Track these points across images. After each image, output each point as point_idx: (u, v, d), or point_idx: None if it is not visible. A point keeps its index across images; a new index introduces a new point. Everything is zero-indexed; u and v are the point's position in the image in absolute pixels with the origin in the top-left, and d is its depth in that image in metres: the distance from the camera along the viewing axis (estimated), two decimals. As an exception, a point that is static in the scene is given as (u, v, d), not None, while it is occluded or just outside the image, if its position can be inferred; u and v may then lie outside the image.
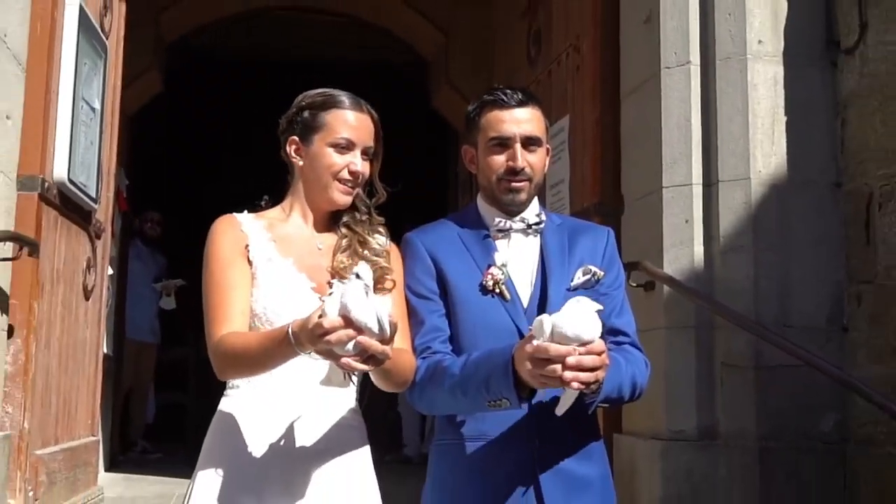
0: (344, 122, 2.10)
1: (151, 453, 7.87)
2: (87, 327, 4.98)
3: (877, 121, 3.84)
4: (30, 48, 4.08)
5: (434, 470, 2.26)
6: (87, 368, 5.02)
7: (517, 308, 2.21)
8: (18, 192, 3.98)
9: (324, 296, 1.97)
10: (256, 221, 2.12)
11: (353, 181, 2.10)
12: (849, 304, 3.97)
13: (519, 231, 2.29)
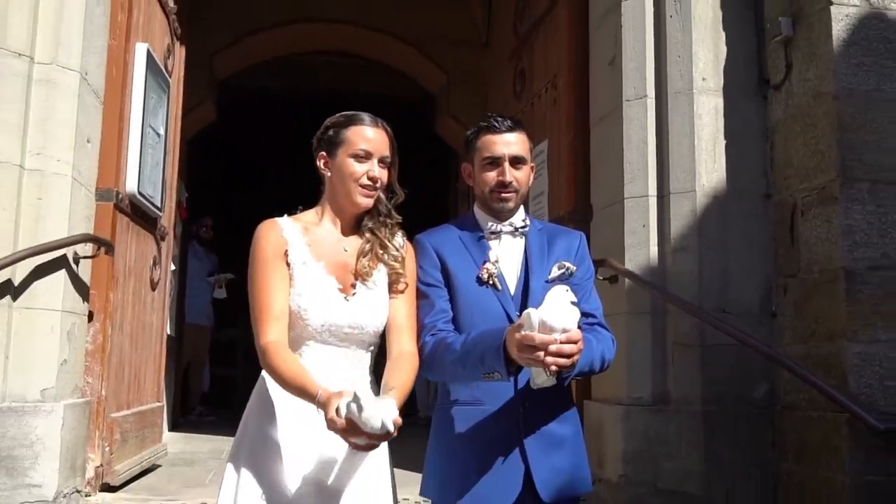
0: (362, 136, 2.08)
1: (206, 416, 7.86)
2: (153, 313, 5.01)
3: (799, 144, 3.83)
4: (106, 85, 4.11)
5: (436, 429, 2.27)
6: (153, 347, 5.05)
7: (506, 296, 2.23)
8: (97, 202, 4.01)
9: (348, 295, 2.03)
10: (294, 225, 2.10)
11: (373, 185, 2.08)
12: (776, 294, 3.95)
13: (508, 233, 2.31)
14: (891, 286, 3.49)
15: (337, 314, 2.02)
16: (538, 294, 2.19)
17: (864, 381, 3.43)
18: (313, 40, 8.07)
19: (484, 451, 2.14)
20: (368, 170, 2.06)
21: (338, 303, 2.03)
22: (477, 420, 2.17)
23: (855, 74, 3.61)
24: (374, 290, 2.08)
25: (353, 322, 2.03)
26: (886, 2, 3.69)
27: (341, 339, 2.04)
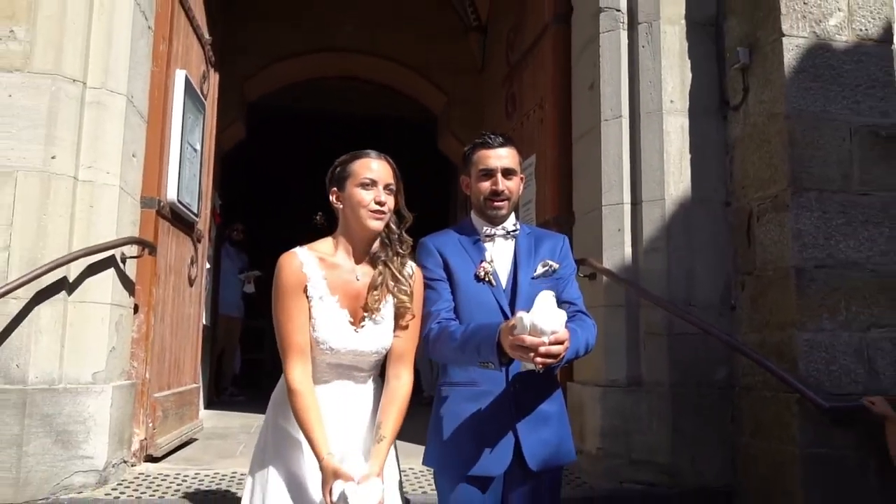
0: (367, 167, 2.07)
1: (237, 396, 7.82)
2: (190, 306, 5.01)
3: (755, 158, 3.79)
4: (150, 106, 4.11)
5: (437, 406, 2.27)
6: (190, 335, 5.05)
7: (499, 290, 2.23)
8: (141, 209, 4.01)
9: (357, 326, 2.05)
10: (312, 258, 2.07)
11: (380, 210, 2.06)
12: (735, 289, 3.91)
13: (500, 236, 2.31)
14: (835, 282, 3.46)
15: (346, 343, 2.04)
16: (525, 288, 2.22)
17: (811, 366, 3.39)
18: (331, 67, 8.04)
19: (479, 427, 2.14)
20: (375, 196, 2.05)
21: (348, 333, 2.05)
22: (473, 399, 2.17)
23: (804, 97, 3.57)
24: (381, 323, 2.09)
25: (360, 349, 2.06)
26: (831, 34, 3.65)
27: (351, 360, 2.07)
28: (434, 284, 2.23)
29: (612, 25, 4.16)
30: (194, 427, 4.92)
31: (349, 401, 2.08)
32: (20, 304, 3.26)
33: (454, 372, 2.23)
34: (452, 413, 2.19)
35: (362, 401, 2.10)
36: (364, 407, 2.10)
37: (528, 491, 2.18)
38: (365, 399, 2.11)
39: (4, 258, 3.29)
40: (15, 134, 3.36)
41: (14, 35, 3.43)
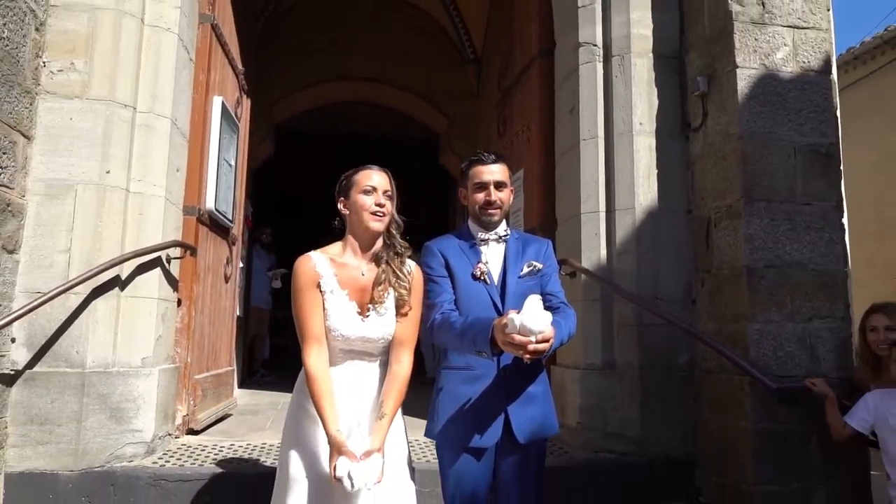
0: (367, 176, 2.13)
1: (267, 377, 7.81)
2: (226, 300, 5.00)
3: (713, 173, 3.77)
4: (191, 128, 4.10)
5: (437, 386, 2.28)
6: (226, 325, 5.04)
7: (492, 288, 2.26)
8: (184, 216, 4.01)
9: (363, 316, 2.08)
10: (324, 259, 2.10)
11: (380, 211, 2.10)
12: (696, 286, 3.89)
13: (494, 240, 2.33)
14: (781, 280, 3.45)
15: (355, 330, 2.07)
16: (512, 286, 2.25)
17: (761, 352, 3.39)
18: (347, 93, 8.04)
19: (474, 405, 2.17)
20: (375, 199, 2.10)
21: (356, 322, 2.07)
22: (469, 381, 2.20)
23: (755, 121, 3.55)
24: (384, 314, 2.11)
25: (367, 336, 2.08)
26: (778, 66, 3.64)
27: (360, 346, 2.09)
28: (438, 280, 2.25)
29: (590, 58, 4.15)
30: (229, 404, 4.92)
31: (360, 380, 2.10)
32: (79, 299, 3.26)
33: (453, 358, 2.24)
34: (451, 393, 2.21)
35: (371, 379, 2.12)
36: (372, 384, 2.11)
37: (516, 460, 2.21)
38: (373, 378, 2.12)
39: (66, 259, 3.29)
40: (75, 152, 3.37)
41: (74, 67, 3.43)
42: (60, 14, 3.45)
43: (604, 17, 4.15)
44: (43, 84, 3.39)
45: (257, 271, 7.77)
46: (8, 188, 3.12)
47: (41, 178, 3.33)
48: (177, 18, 3.74)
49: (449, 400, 2.21)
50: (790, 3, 3.71)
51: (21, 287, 3.23)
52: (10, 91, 3.11)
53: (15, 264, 3.21)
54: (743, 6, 3.67)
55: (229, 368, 5.10)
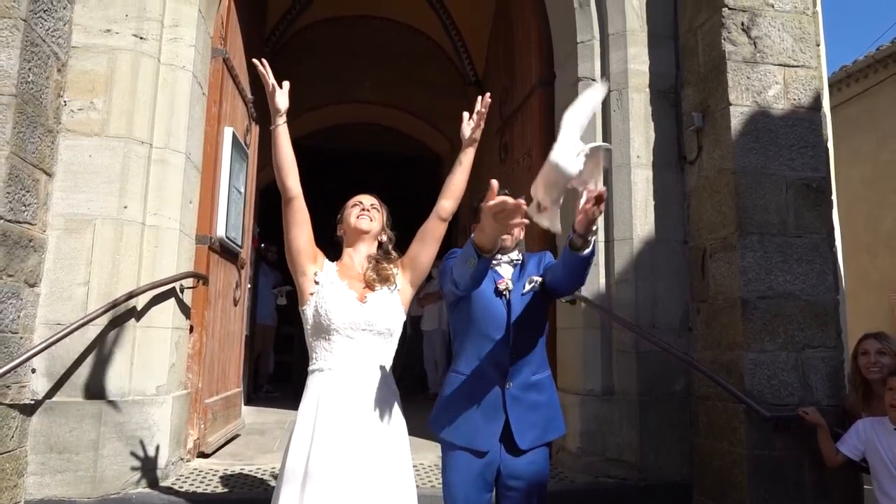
0: (355, 198, 2.32)
1: (272, 393, 7.89)
2: (235, 323, 5.06)
3: (708, 205, 3.85)
4: (203, 159, 4.17)
5: (445, 387, 2.33)
6: (235, 347, 5.10)
7: (506, 303, 2.28)
8: (196, 245, 4.07)
9: (363, 301, 2.14)
10: (332, 263, 2.25)
11: (365, 212, 2.27)
12: (692, 314, 3.96)
13: (506, 262, 2.38)
14: (774, 311, 3.52)
15: (355, 314, 2.12)
16: (516, 303, 2.28)
17: (756, 381, 3.45)
18: (353, 115, 8.18)
19: (477, 409, 2.21)
20: (361, 208, 2.28)
21: (356, 307, 2.13)
22: (475, 386, 2.24)
23: (748, 156, 3.64)
24: (380, 293, 2.19)
25: (367, 319, 2.13)
26: (770, 103, 3.74)
27: (360, 332, 2.13)
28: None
29: (589, 92, 4.24)
30: (238, 425, 4.98)
31: (356, 385, 2.09)
32: (97, 330, 3.35)
33: (460, 363, 2.30)
34: (456, 396, 2.26)
35: (367, 386, 2.10)
36: (368, 393, 2.09)
37: (517, 462, 2.23)
38: (370, 385, 2.11)
39: (85, 291, 3.38)
40: (94, 188, 3.46)
41: (94, 106, 3.53)
42: (81, 55, 3.55)
43: (602, 52, 4.26)
44: (64, 122, 3.49)
45: (263, 288, 7.86)
46: (30, 224, 3.21)
47: (61, 213, 3.42)
48: (191, 56, 3.84)
49: (454, 402, 2.25)
50: (781, 43, 3.81)
51: (41, 319, 3.31)
52: (34, 132, 3.21)
53: (36, 297, 3.30)
54: (735, 45, 3.78)
55: (237, 390, 5.16)
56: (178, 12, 3.82)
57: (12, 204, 3.04)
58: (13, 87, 3.03)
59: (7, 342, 3.04)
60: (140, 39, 3.65)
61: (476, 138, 2.30)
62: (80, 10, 3.58)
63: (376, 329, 2.16)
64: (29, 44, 3.13)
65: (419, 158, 9.10)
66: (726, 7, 3.80)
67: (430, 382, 8.01)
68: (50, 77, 3.35)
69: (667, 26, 4.22)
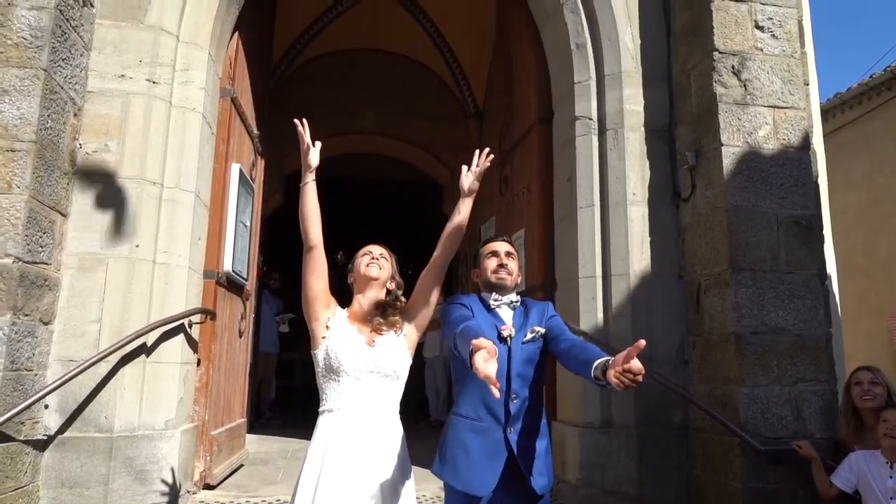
0: (365, 249, 2.43)
1: (274, 420, 7.91)
2: (240, 354, 5.13)
3: (702, 242, 3.96)
4: (212, 196, 4.27)
5: (448, 429, 2.38)
6: (239, 378, 5.15)
7: (508, 350, 2.33)
8: (203, 280, 4.15)
9: (371, 345, 2.24)
10: (343, 310, 2.36)
11: (374, 261, 2.38)
12: (688, 347, 4.05)
13: (506, 304, 2.45)
14: (767, 346, 3.63)
15: (364, 358, 2.23)
16: (517, 351, 2.34)
17: (750, 414, 3.54)
18: (355, 145, 8.31)
19: (477, 454, 2.26)
20: (371, 257, 2.39)
21: (364, 350, 2.24)
22: (475, 431, 2.29)
23: (740, 195, 3.76)
24: (387, 337, 2.30)
25: (375, 362, 2.24)
26: (760, 143, 3.87)
27: (368, 374, 2.23)
28: (462, 308, 2.36)
29: (585, 131, 4.39)
30: (242, 455, 5.03)
31: (363, 426, 2.18)
32: (109, 366, 3.44)
33: (462, 406, 2.35)
34: (457, 439, 2.31)
35: (374, 428, 2.19)
36: (375, 435, 2.18)
37: None
38: (377, 426, 2.20)
39: (97, 328, 3.48)
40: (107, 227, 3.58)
41: (108, 148, 3.67)
42: (96, 99, 3.70)
43: (598, 92, 4.41)
44: (79, 164, 3.62)
45: (265, 315, 7.91)
46: (46, 264, 3.33)
47: (75, 252, 3.53)
48: (201, 99, 3.99)
49: (455, 445, 2.31)
50: (770, 85, 3.96)
51: (55, 355, 3.41)
52: (52, 175, 3.34)
53: (50, 334, 3.40)
54: (726, 88, 3.93)
55: (241, 420, 5.22)
56: (189, 56, 3.97)
57: (30, 245, 3.16)
58: (33, 134, 3.16)
59: (22, 380, 3.14)
60: (153, 84, 3.80)
61: (474, 190, 2.42)
62: (96, 57, 3.74)
63: (383, 371, 2.27)
64: (48, 92, 3.28)
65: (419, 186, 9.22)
66: (717, 51, 3.96)
67: (431, 409, 8.07)
68: (67, 122, 3.49)
69: (660, 68, 4.38)
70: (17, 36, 3.21)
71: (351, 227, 10.20)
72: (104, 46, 3.76)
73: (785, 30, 4.04)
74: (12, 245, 3.05)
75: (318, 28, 7.40)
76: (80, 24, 3.59)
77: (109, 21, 3.80)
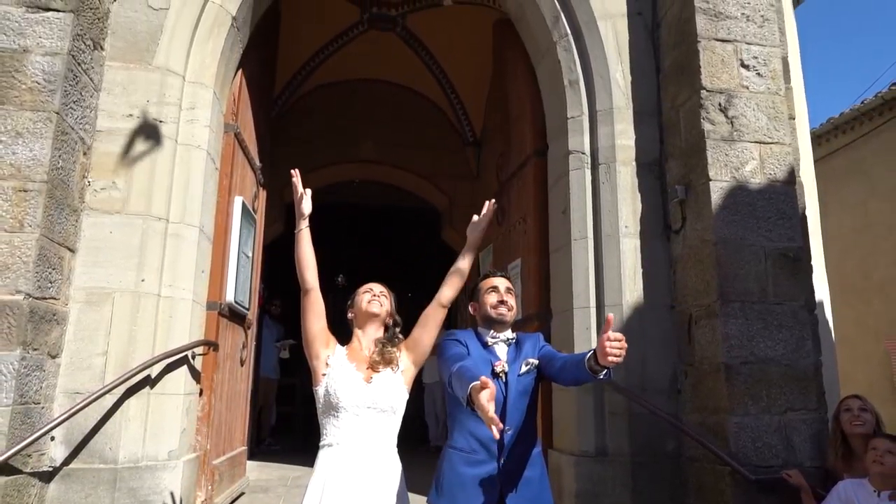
0: (366, 286, 2.53)
1: (273, 446, 7.94)
2: (241, 382, 5.19)
3: (692, 273, 4.05)
4: (215, 229, 4.38)
5: (441, 462, 2.47)
6: (241, 407, 5.21)
7: (502, 384, 2.42)
8: (206, 311, 4.23)
9: (368, 382, 2.33)
10: (342, 347, 2.46)
11: (375, 297, 2.49)
12: (680, 376, 4.11)
13: (502, 341, 2.55)
14: (757, 376, 3.70)
15: (362, 394, 2.33)
16: (512, 384, 2.44)
17: (741, 444, 3.61)
18: (355, 173, 8.44)
19: (472, 486, 2.35)
20: (372, 294, 2.50)
21: (362, 386, 2.34)
22: (470, 464, 2.38)
23: (728, 228, 3.87)
24: (385, 374, 2.39)
25: (372, 398, 2.34)
26: (747, 178, 3.99)
27: (366, 409, 2.33)
28: (457, 345, 2.47)
29: (579, 165, 4.51)
30: (242, 483, 5.08)
31: (361, 460, 2.27)
32: (114, 399, 3.53)
33: (457, 439, 2.44)
34: (453, 471, 2.40)
35: (372, 462, 2.28)
36: (372, 469, 2.28)
37: None
38: (375, 460, 2.29)
39: (103, 361, 3.58)
40: (114, 263, 3.70)
41: (115, 185, 3.80)
42: (104, 138, 3.83)
43: (591, 127, 4.53)
44: (87, 201, 3.74)
45: (266, 342, 7.97)
46: (55, 299, 3.44)
47: (82, 286, 3.65)
48: (206, 136, 4.13)
49: (451, 477, 2.39)
50: (756, 121, 4.10)
51: (61, 388, 3.51)
52: (61, 213, 3.46)
53: (57, 367, 3.50)
54: (714, 125, 4.06)
55: (242, 449, 5.26)
56: (194, 96, 4.12)
57: (40, 282, 3.27)
58: (45, 175, 3.29)
59: (30, 413, 3.23)
60: (160, 122, 3.94)
61: (481, 235, 2.54)
62: (106, 98, 3.88)
63: (380, 407, 2.36)
64: (60, 133, 3.41)
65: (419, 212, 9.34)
66: (704, 89, 4.10)
67: (430, 435, 8.11)
68: (77, 161, 3.63)
69: (651, 104, 4.52)
70: (32, 81, 3.36)
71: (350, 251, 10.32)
72: (113, 87, 3.90)
73: (769, 68, 4.19)
74: (23, 282, 3.16)
75: (319, 60, 7.58)
76: (90, 67, 3.74)
77: (119, 63, 3.95)
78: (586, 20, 4.60)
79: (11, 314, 3.11)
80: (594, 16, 4.58)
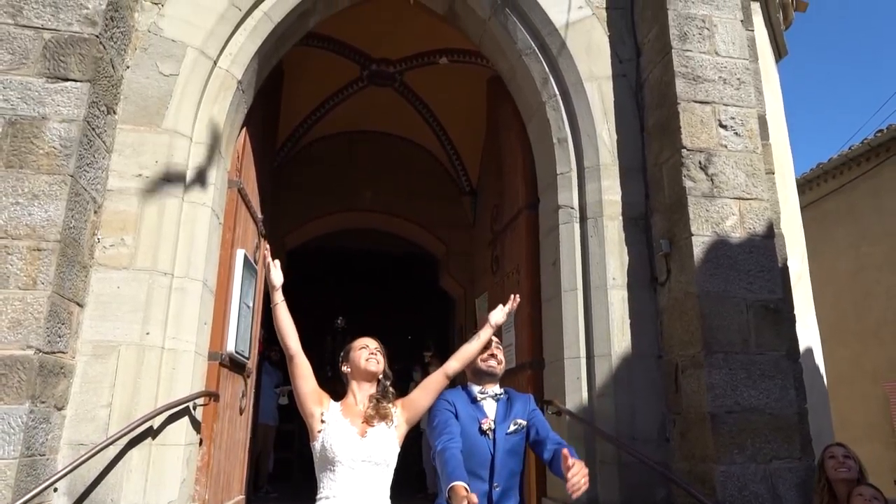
0: (362, 342, 2.63)
1: (272, 494, 7.90)
2: (240, 431, 5.24)
3: (678, 324, 4.17)
4: (217, 282, 4.52)
5: None
6: (239, 455, 5.24)
7: (491, 441, 2.56)
8: (208, 362, 4.33)
9: (363, 436, 2.41)
10: (336, 403, 2.55)
11: (373, 355, 2.58)
12: (669, 425, 4.20)
13: (491, 397, 2.67)
14: (742, 425, 3.80)
15: (356, 448, 2.43)
16: (501, 441, 2.56)
17: (727, 492, 3.68)
18: (354, 222, 8.66)
19: None
20: (369, 352, 2.59)
21: (357, 441, 2.43)
22: None
23: (710, 281, 4.02)
24: (379, 428, 2.48)
25: (367, 452, 2.43)
26: (728, 232, 4.16)
27: (361, 463, 2.41)
28: (448, 415, 2.58)
29: (568, 219, 4.70)
30: (240, 532, 5.12)
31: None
32: (117, 450, 3.62)
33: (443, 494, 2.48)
34: None
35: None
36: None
37: None
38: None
39: (107, 413, 3.69)
40: (120, 316, 3.84)
41: (124, 242, 3.97)
42: (114, 197, 4.02)
43: (579, 183, 4.74)
44: (96, 257, 3.91)
45: (265, 387, 7.99)
46: (63, 353, 3.57)
47: (89, 339, 3.78)
48: (211, 194, 4.32)
49: None
50: (735, 178, 4.29)
51: (65, 439, 3.60)
52: (72, 269, 3.63)
53: (62, 419, 3.61)
54: (695, 182, 4.26)
55: (240, 497, 5.29)
56: (200, 156, 4.33)
57: (49, 336, 3.42)
58: (58, 234, 3.47)
59: (35, 465, 3.33)
60: (167, 182, 4.13)
61: (500, 323, 2.68)
62: (117, 159, 4.09)
63: (374, 460, 2.48)
64: (74, 195, 3.60)
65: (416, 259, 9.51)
66: (685, 148, 4.31)
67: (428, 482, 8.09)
68: (88, 219, 3.81)
69: (636, 160, 4.73)
70: (49, 146, 3.57)
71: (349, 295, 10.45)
72: (124, 149, 4.11)
73: (746, 128, 4.41)
74: (34, 337, 3.31)
75: (320, 114, 7.87)
76: (104, 131, 3.96)
77: (130, 126, 4.17)
78: (573, 81, 4.85)
79: (22, 369, 3.25)
80: (581, 77, 4.83)
